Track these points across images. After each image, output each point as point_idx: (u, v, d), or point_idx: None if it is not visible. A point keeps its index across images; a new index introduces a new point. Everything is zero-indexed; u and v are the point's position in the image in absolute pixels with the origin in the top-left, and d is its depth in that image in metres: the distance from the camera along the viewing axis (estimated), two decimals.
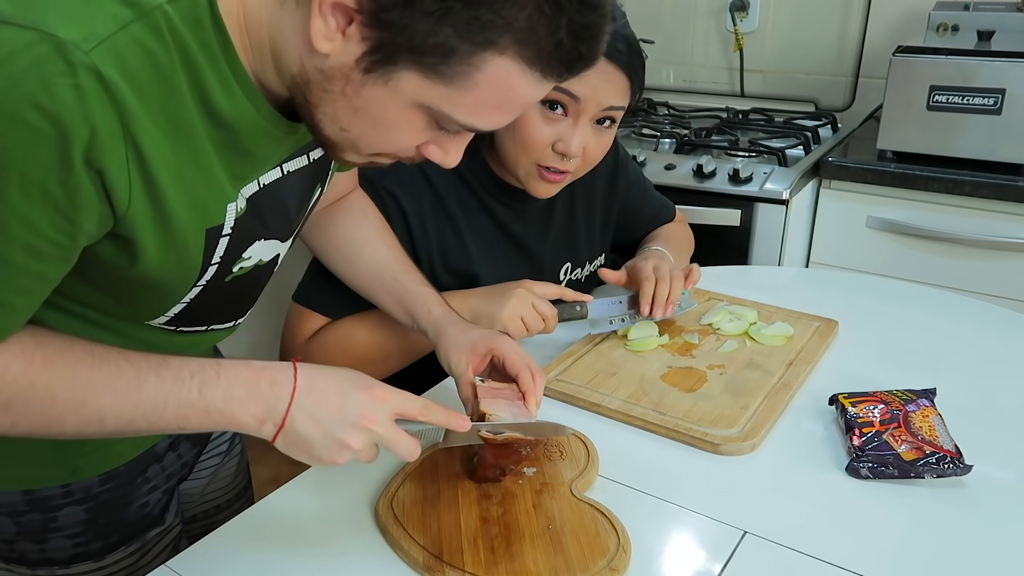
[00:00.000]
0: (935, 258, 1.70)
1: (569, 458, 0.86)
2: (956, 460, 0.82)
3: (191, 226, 0.65)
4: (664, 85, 2.42)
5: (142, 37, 0.56)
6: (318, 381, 0.69)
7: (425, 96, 0.60)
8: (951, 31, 1.84)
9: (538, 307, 1.04)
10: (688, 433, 0.91)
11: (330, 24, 0.57)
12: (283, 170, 0.74)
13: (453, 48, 0.57)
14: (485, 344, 0.87)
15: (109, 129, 0.55)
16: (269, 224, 0.75)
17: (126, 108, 0.55)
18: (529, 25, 0.56)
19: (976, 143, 1.62)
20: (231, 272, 0.74)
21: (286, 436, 0.67)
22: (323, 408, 0.67)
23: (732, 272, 1.48)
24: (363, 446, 0.68)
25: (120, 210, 0.59)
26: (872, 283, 1.44)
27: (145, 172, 0.59)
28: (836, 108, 2.19)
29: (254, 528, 0.79)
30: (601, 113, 1.01)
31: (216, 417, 0.66)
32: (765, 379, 1.02)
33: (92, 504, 0.83)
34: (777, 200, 1.66)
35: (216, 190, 0.66)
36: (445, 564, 0.71)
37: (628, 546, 0.73)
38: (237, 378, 0.66)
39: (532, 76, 0.60)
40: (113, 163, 0.56)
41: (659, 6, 2.38)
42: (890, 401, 0.90)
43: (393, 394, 0.71)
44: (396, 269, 0.98)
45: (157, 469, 0.89)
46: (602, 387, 1.01)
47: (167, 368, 0.65)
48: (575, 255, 1.26)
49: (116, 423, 0.64)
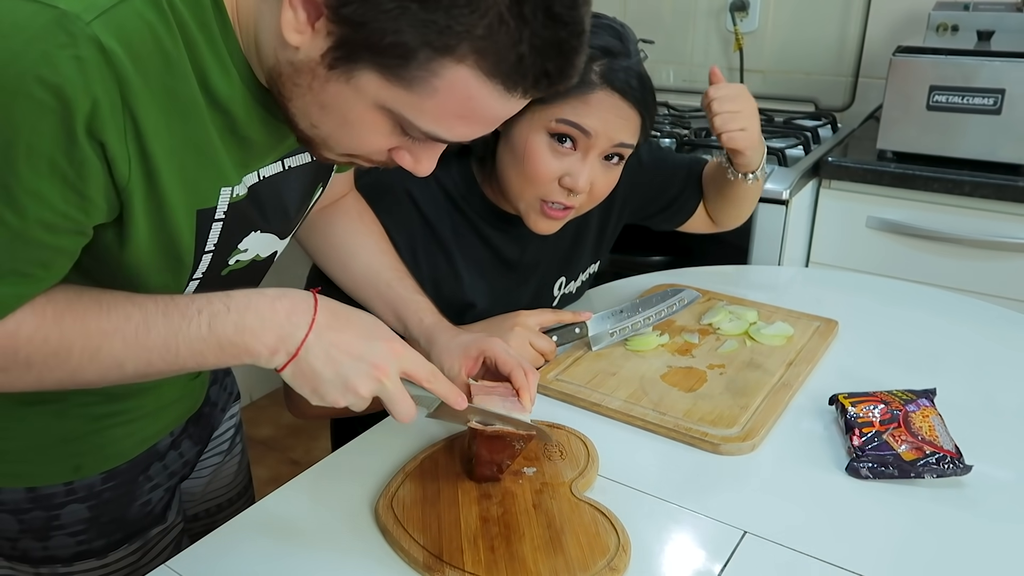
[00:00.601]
0: (935, 258, 1.70)
1: (569, 458, 0.86)
2: (956, 460, 0.82)
3: (181, 205, 0.64)
4: (664, 85, 2.43)
5: (143, 10, 0.56)
6: (340, 319, 0.68)
7: (386, 99, 0.60)
8: (951, 31, 1.85)
9: (535, 344, 1.01)
10: (688, 433, 0.91)
11: (300, 16, 0.57)
12: (284, 164, 0.74)
13: (411, 51, 0.56)
14: (477, 347, 0.87)
15: (110, 100, 0.55)
16: (268, 216, 0.75)
17: (126, 80, 0.55)
18: (489, 34, 0.55)
19: (976, 143, 1.62)
20: (227, 264, 0.73)
21: (296, 366, 0.66)
22: (340, 348, 0.67)
23: (732, 272, 1.48)
24: (368, 393, 0.68)
25: (121, 183, 0.59)
26: (872, 283, 1.44)
27: (141, 146, 0.59)
28: (836, 108, 2.19)
29: (254, 528, 0.79)
30: (611, 149, 0.99)
31: (230, 350, 0.65)
32: (765, 379, 1.02)
33: (95, 502, 0.83)
34: (777, 200, 1.66)
35: (210, 171, 0.65)
36: (445, 564, 0.71)
37: (628, 546, 0.73)
38: (248, 307, 0.66)
39: (494, 89, 0.59)
40: (113, 135, 0.56)
41: (659, 6, 2.39)
42: (890, 401, 0.90)
43: (408, 351, 0.71)
44: (390, 276, 0.97)
45: (159, 467, 0.89)
46: (602, 387, 1.01)
47: (174, 307, 0.65)
48: (568, 270, 1.24)
49: (135, 367, 0.65)
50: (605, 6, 2.46)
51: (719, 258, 1.56)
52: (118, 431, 0.83)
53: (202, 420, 0.97)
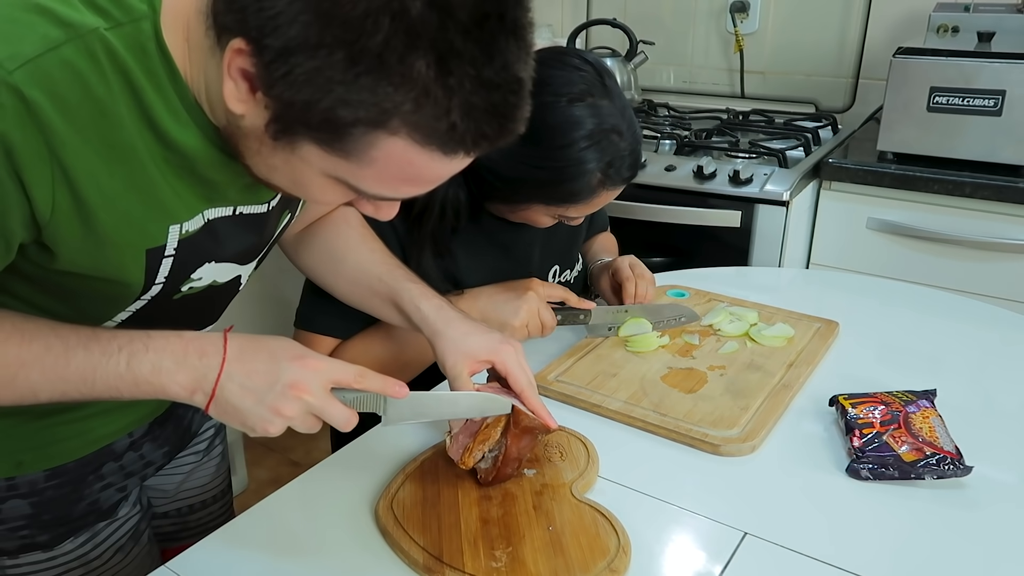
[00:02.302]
0: (935, 259, 1.70)
1: (569, 459, 0.86)
2: (956, 461, 0.82)
3: (128, 246, 0.66)
4: (664, 86, 2.43)
5: (73, 59, 0.56)
6: (248, 351, 0.69)
7: (329, 168, 0.61)
8: (951, 32, 1.85)
9: (542, 314, 1.04)
10: (688, 434, 0.91)
11: (240, 87, 0.57)
12: (236, 211, 0.74)
13: (343, 127, 0.56)
14: (487, 355, 0.84)
15: (30, 148, 0.55)
16: (226, 246, 0.75)
17: (51, 130, 0.56)
18: (416, 108, 0.55)
19: (976, 144, 1.62)
20: (179, 291, 0.74)
21: (217, 405, 0.67)
22: (254, 377, 0.67)
23: (732, 273, 1.48)
24: (296, 414, 0.68)
25: (42, 220, 0.60)
26: (872, 284, 1.44)
27: (74, 192, 0.60)
28: (836, 109, 2.19)
29: (254, 529, 0.79)
30: None
31: (146, 388, 0.67)
32: (766, 380, 1.02)
33: (37, 499, 0.82)
34: (777, 201, 1.66)
35: (156, 211, 0.66)
36: (445, 565, 0.71)
37: (628, 547, 0.73)
38: (166, 349, 0.67)
39: (432, 154, 0.59)
40: (35, 180, 0.57)
41: (659, 7, 2.39)
42: (890, 402, 0.90)
43: (326, 363, 0.71)
44: (380, 270, 0.95)
45: (114, 467, 0.88)
46: (602, 388, 1.01)
47: (95, 341, 0.66)
48: (563, 258, 1.26)
49: (50, 395, 0.66)
50: (605, 7, 2.46)
51: (720, 259, 1.56)
52: (63, 430, 0.82)
53: (171, 422, 0.95)
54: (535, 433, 0.80)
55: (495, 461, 0.80)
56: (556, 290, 1.08)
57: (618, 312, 1.15)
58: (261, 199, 0.76)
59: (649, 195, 1.73)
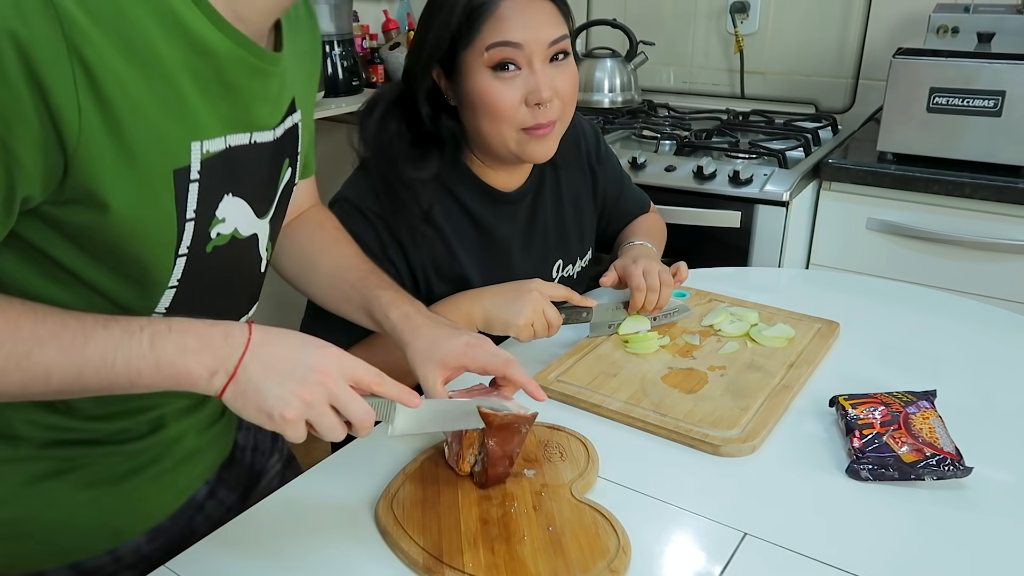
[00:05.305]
0: (935, 260, 1.70)
1: (569, 459, 0.86)
2: (956, 462, 0.82)
3: (157, 164, 0.62)
4: (664, 87, 2.43)
5: None
6: (274, 335, 0.67)
7: None
8: (951, 33, 1.85)
9: (547, 313, 1.03)
10: (688, 434, 0.91)
11: None
12: (251, 139, 0.72)
13: None
14: (455, 361, 0.83)
15: (48, 39, 0.52)
16: (241, 178, 0.72)
17: (71, 20, 0.52)
18: None
19: (976, 145, 1.62)
20: (210, 238, 0.71)
21: (236, 386, 0.65)
22: (278, 358, 0.66)
23: (733, 273, 1.48)
24: (316, 400, 0.66)
25: (70, 139, 0.56)
26: (872, 285, 1.44)
27: (99, 96, 0.55)
28: (836, 110, 2.20)
29: (254, 529, 0.79)
30: (549, 51, 1.02)
31: (168, 371, 0.63)
32: (766, 380, 1.02)
33: (145, 566, 0.78)
34: (777, 202, 1.66)
35: (179, 124, 0.63)
36: (445, 566, 0.71)
37: (628, 547, 0.73)
38: (189, 331, 0.64)
39: None
40: (57, 80, 0.53)
41: (660, 8, 2.39)
42: (890, 403, 0.90)
43: (348, 357, 0.69)
44: (353, 276, 0.94)
45: (201, 519, 0.87)
46: (603, 388, 1.01)
47: (115, 322, 0.63)
48: (566, 252, 1.26)
49: (63, 378, 0.61)
50: (605, 8, 2.47)
51: (720, 259, 1.56)
52: (149, 487, 0.80)
53: (235, 465, 0.94)
54: (515, 427, 0.79)
55: (484, 464, 0.80)
56: (558, 289, 1.07)
57: (617, 310, 1.16)
58: (274, 118, 0.75)
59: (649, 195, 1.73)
